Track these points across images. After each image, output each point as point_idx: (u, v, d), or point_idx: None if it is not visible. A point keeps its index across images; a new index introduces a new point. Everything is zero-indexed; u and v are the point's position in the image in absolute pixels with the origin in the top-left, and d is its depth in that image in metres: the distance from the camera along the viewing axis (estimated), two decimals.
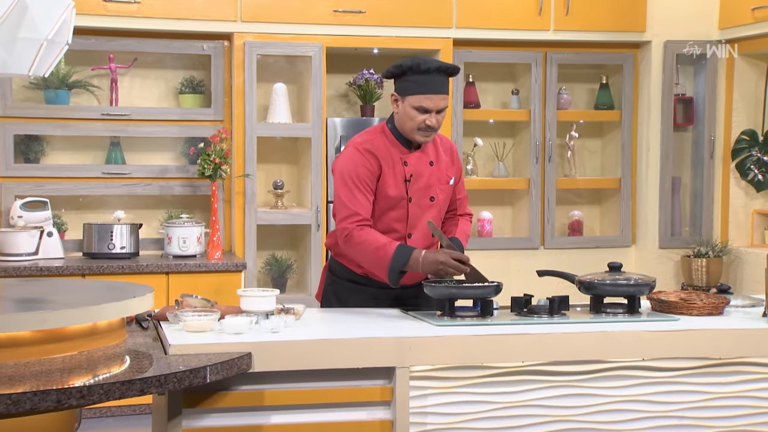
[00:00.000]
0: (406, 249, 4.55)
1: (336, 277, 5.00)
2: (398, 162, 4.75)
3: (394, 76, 4.73)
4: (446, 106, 4.68)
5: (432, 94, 4.62)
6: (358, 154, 4.71)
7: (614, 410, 4.22)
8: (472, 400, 4.10)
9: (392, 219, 4.74)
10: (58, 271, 6.94)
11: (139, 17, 7.39)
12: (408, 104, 4.65)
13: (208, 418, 3.82)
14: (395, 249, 4.54)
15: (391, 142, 4.77)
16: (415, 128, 4.67)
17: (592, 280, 4.57)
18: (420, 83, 4.62)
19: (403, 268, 4.55)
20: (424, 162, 4.81)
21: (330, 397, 3.95)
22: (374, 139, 4.77)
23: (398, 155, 4.76)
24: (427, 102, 4.61)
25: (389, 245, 4.55)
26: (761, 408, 4.32)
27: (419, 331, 4.13)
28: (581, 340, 4.16)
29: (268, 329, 4.02)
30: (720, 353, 4.25)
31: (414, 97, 4.62)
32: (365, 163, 4.69)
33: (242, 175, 7.52)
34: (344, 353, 3.92)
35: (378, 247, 4.56)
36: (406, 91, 4.66)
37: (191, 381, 3.47)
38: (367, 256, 4.62)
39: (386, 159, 4.73)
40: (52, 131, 7.52)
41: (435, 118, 4.64)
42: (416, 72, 4.63)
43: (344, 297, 4.94)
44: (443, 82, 4.68)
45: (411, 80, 4.64)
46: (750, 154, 8.09)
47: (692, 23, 8.21)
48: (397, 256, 4.53)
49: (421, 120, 4.64)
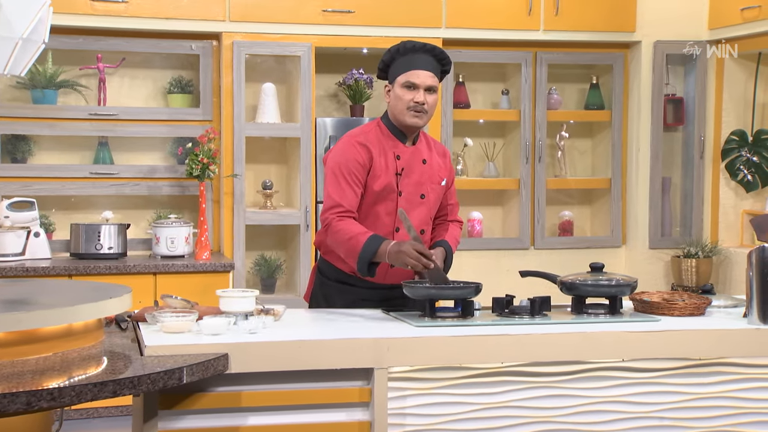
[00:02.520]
0: (377, 240, 4.53)
1: (325, 277, 4.98)
2: (391, 155, 4.76)
3: (386, 64, 4.80)
4: (435, 86, 4.73)
5: (418, 69, 4.69)
6: (350, 146, 4.74)
7: (594, 411, 4.20)
8: (452, 401, 4.08)
9: (381, 212, 4.73)
10: (44, 271, 6.92)
11: (127, 17, 7.37)
12: (398, 85, 4.72)
13: (184, 419, 3.80)
14: (366, 239, 4.52)
15: (385, 135, 4.80)
16: (405, 108, 4.70)
17: (574, 280, 4.56)
18: (407, 62, 4.72)
19: (372, 258, 4.52)
20: (417, 158, 4.82)
21: (308, 399, 3.93)
22: (368, 133, 4.81)
23: (391, 148, 4.78)
24: (413, 77, 4.68)
25: (362, 235, 4.53)
26: (741, 408, 4.30)
27: (398, 332, 4.11)
28: (561, 341, 4.14)
29: (246, 330, 3.99)
30: (700, 354, 4.24)
31: (402, 75, 4.71)
32: (356, 155, 4.70)
33: (230, 175, 7.50)
34: (321, 354, 3.90)
35: (351, 237, 4.54)
36: (396, 73, 4.75)
37: (165, 382, 3.45)
38: (342, 245, 4.60)
39: (379, 150, 4.75)
40: (39, 131, 7.50)
41: (424, 95, 4.68)
42: (403, 53, 4.74)
43: (332, 298, 4.92)
44: (430, 61, 4.74)
45: (399, 62, 4.74)
46: (740, 155, 8.08)
47: (682, 23, 8.20)
48: (367, 247, 4.51)
49: (409, 98, 4.68)
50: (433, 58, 4.75)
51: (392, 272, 4.73)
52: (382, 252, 4.51)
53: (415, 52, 4.72)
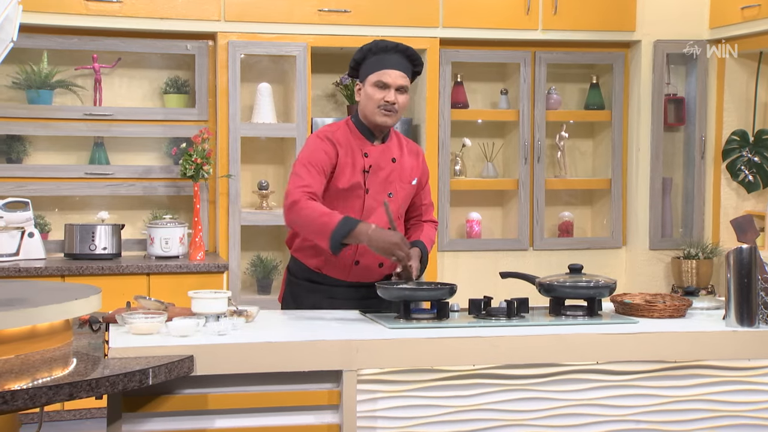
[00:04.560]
0: (354, 220, 4.47)
1: (294, 276, 4.97)
2: (358, 153, 4.74)
3: (357, 62, 4.78)
4: (406, 86, 4.72)
5: (390, 69, 4.68)
6: (317, 140, 4.75)
7: (569, 414, 4.15)
8: (424, 404, 4.04)
9: (347, 208, 4.67)
10: (38, 272, 6.91)
11: (121, 16, 7.35)
12: (368, 84, 4.71)
13: (149, 422, 3.77)
14: (342, 217, 4.44)
15: (353, 134, 4.79)
16: (376, 108, 4.68)
17: (552, 282, 4.51)
18: (378, 61, 4.71)
19: (345, 238, 4.42)
20: (386, 157, 4.80)
21: (277, 401, 3.90)
22: (336, 130, 4.80)
23: (359, 146, 4.76)
24: (385, 76, 4.67)
25: (335, 214, 4.47)
26: (717, 411, 4.25)
27: (369, 333, 4.07)
28: (535, 343, 4.10)
29: (215, 332, 3.96)
30: (676, 356, 4.18)
31: (373, 74, 4.69)
32: (323, 147, 4.69)
33: (225, 176, 7.47)
34: (290, 356, 3.87)
35: (323, 213, 4.45)
36: (367, 71, 4.73)
37: (126, 385, 3.41)
38: (311, 222, 4.49)
39: (345, 148, 4.73)
40: (34, 131, 7.49)
41: (395, 95, 4.67)
42: (375, 52, 4.72)
43: (300, 297, 4.90)
44: (402, 62, 4.73)
45: (370, 61, 4.73)
46: (741, 155, 7.99)
47: (682, 22, 8.13)
48: (342, 224, 4.42)
49: (380, 97, 4.67)
50: (405, 59, 4.74)
51: (356, 270, 4.71)
52: (360, 232, 4.42)
53: (387, 52, 4.71)
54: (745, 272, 4.21)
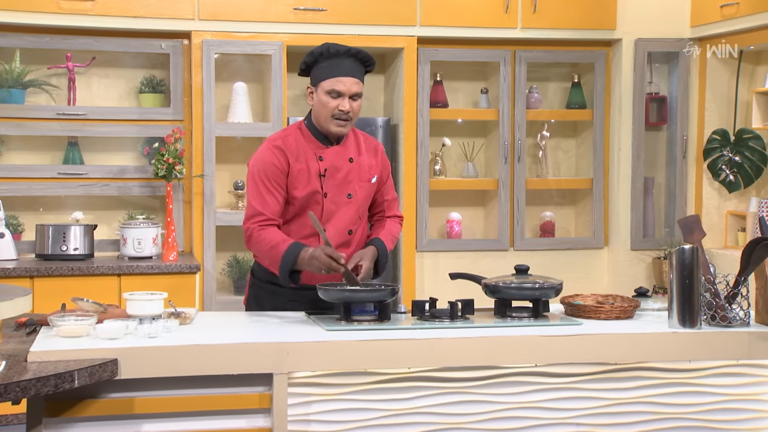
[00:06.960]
0: (296, 248, 4.46)
1: (257, 279, 4.92)
2: (312, 158, 4.67)
3: (308, 65, 4.70)
4: (360, 92, 4.65)
5: (343, 76, 4.59)
6: (267, 152, 4.68)
7: (508, 417, 4.10)
8: (358, 408, 3.99)
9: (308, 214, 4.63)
10: (7, 273, 6.85)
11: (94, 15, 7.29)
12: (321, 91, 4.61)
13: (72, 427, 3.72)
14: (286, 248, 4.45)
15: (306, 138, 4.72)
16: (329, 116, 4.61)
17: (497, 283, 4.45)
18: (331, 67, 4.60)
19: (293, 266, 4.46)
20: (342, 157, 4.73)
21: (206, 405, 3.85)
22: (287, 136, 4.73)
23: (312, 151, 4.69)
24: (339, 85, 4.58)
25: (282, 244, 4.47)
26: (659, 414, 4.19)
27: (303, 336, 4.02)
28: (473, 345, 4.04)
29: (145, 334, 3.90)
30: (617, 358, 4.12)
31: (326, 81, 4.60)
32: (273, 159, 4.63)
33: (198, 176, 7.42)
34: (219, 359, 3.81)
35: (272, 246, 4.50)
36: (319, 77, 4.63)
37: (39, 389, 3.35)
38: (265, 255, 4.58)
39: (297, 156, 4.66)
40: (6, 131, 7.42)
41: (349, 103, 4.59)
42: (327, 57, 4.62)
43: (262, 300, 4.86)
44: (355, 67, 4.65)
45: (322, 66, 4.63)
46: (722, 154, 7.88)
47: (663, 21, 8.04)
48: (286, 256, 4.45)
49: (334, 106, 4.59)
50: (358, 62, 4.66)
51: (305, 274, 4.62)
52: (300, 260, 4.46)
53: (340, 57, 4.62)
54: (687, 273, 4.14)
